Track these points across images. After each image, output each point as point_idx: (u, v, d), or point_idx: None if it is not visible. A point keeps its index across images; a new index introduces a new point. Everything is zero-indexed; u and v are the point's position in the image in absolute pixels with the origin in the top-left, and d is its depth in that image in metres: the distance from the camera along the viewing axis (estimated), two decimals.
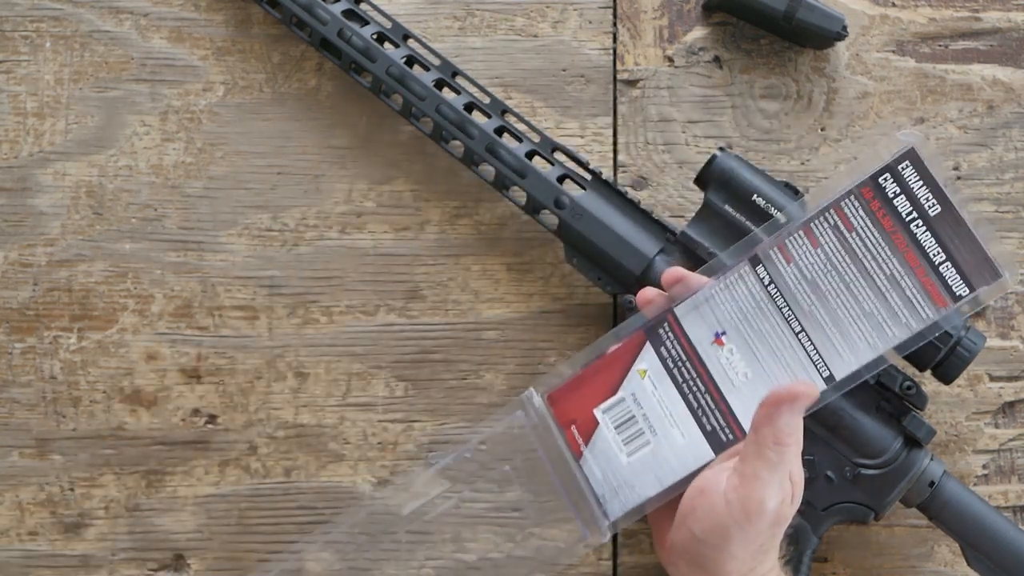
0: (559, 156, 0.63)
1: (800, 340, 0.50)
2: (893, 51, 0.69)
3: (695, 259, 0.60)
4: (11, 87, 0.68)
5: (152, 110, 0.68)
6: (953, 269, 0.48)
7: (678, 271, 0.53)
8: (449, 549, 0.59)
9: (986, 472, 0.65)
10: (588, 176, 0.63)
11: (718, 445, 0.51)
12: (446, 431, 0.65)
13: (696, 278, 0.52)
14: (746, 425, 0.51)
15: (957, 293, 0.48)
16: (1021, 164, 0.68)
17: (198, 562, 0.64)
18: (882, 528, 0.65)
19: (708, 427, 0.51)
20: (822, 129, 0.68)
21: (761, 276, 0.51)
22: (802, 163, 0.67)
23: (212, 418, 0.66)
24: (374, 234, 0.67)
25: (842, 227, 0.49)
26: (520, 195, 0.63)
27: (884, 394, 0.58)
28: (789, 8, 0.65)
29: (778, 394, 0.47)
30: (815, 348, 0.50)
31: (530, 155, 0.63)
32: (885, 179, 0.49)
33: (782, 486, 0.48)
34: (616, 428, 0.53)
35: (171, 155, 0.67)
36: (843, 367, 0.50)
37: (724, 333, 0.51)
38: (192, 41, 0.68)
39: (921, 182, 0.48)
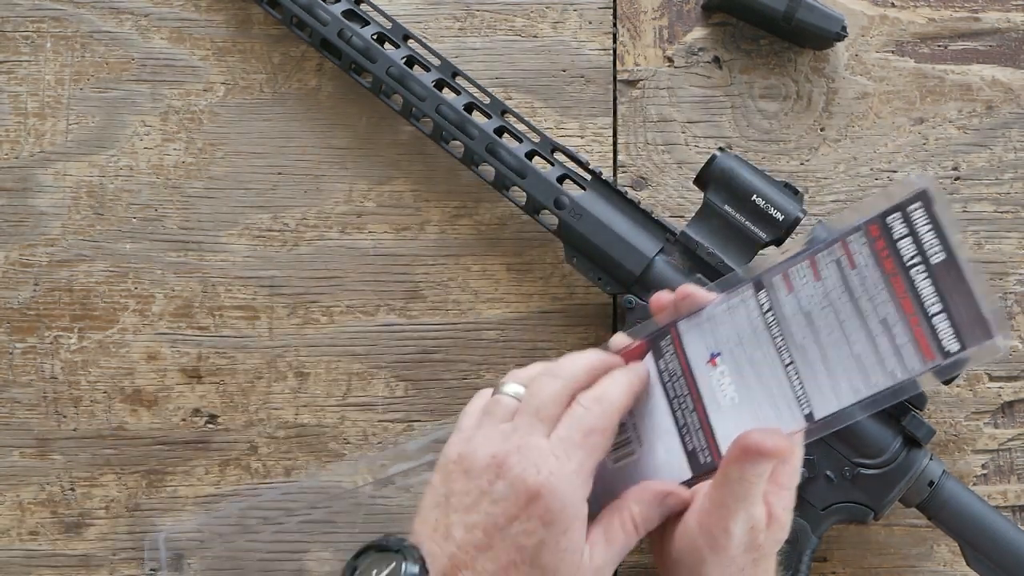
0: (559, 156, 0.63)
1: (788, 373, 0.48)
2: (892, 51, 0.69)
3: (695, 259, 0.60)
4: (12, 87, 0.68)
5: (153, 110, 0.68)
6: (947, 322, 0.45)
7: (688, 288, 0.51)
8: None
9: (985, 472, 0.66)
10: (588, 176, 0.63)
11: (697, 466, 0.50)
12: (446, 431, 0.65)
13: (703, 295, 0.51)
14: (725, 450, 0.50)
15: (947, 348, 0.45)
16: (1020, 164, 0.68)
17: (198, 562, 0.64)
18: (881, 528, 0.65)
19: (690, 446, 0.50)
20: (822, 129, 0.68)
21: (762, 302, 0.49)
22: (802, 163, 0.68)
23: (212, 418, 0.66)
24: (374, 234, 0.67)
25: (845, 263, 0.48)
26: (520, 195, 0.63)
27: None
28: (789, 8, 0.65)
29: (746, 445, 0.46)
30: (801, 383, 0.48)
31: (530, 155, 0.63)
32: (894, 219, 0.46)
33: (750, 514, 0.48)
34: None
35: (171, 155, 0.67)
36: (824, 407, 0.48)
37: (719, 354, 0.50)
38: (192, 41, 0.68)
39: (929, 226, 0.45)
